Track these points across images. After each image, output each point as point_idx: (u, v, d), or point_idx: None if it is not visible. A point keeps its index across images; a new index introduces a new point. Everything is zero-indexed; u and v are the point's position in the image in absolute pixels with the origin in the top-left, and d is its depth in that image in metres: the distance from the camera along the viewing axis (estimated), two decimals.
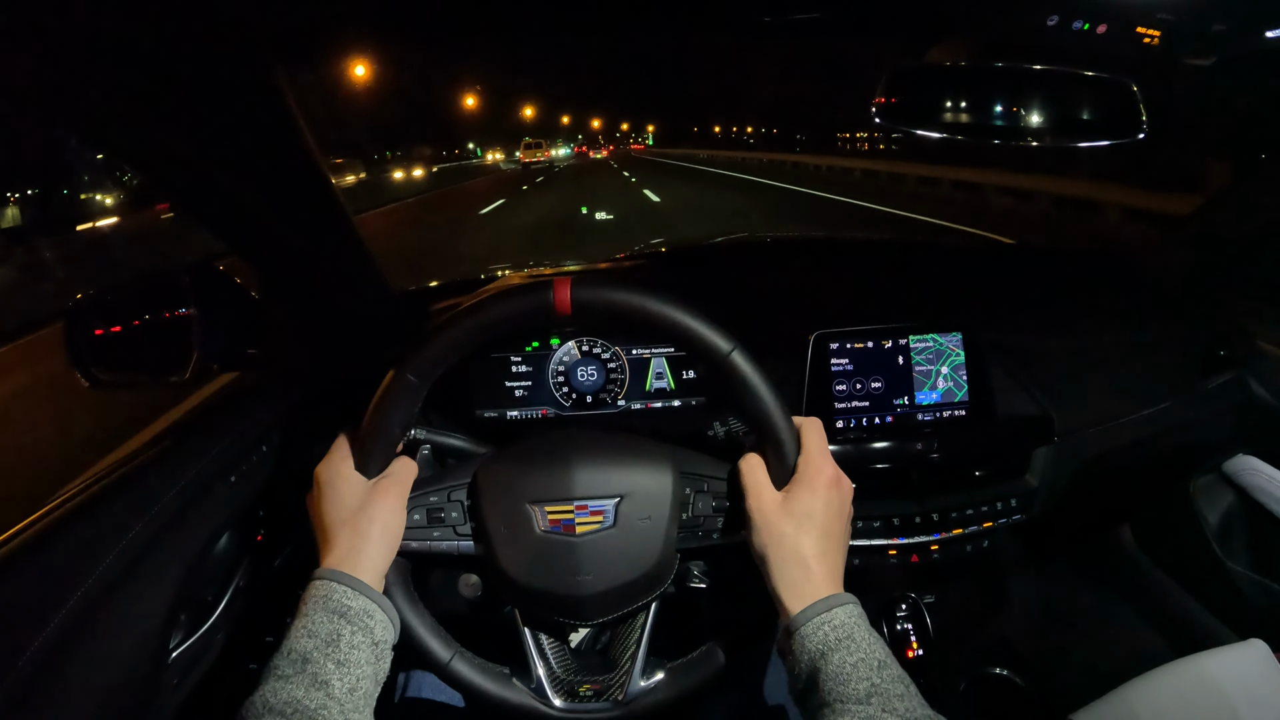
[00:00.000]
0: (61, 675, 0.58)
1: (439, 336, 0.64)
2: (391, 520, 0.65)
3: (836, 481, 0.64)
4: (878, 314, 0.98)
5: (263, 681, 0.54)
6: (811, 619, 0.57)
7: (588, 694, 0.70)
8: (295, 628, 0.56)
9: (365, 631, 0.58)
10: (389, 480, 0.66)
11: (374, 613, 0.59)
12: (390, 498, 0.65)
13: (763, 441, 0.65)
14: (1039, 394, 1.01)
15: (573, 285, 0.62)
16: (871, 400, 0.96)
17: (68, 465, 2.64)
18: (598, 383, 0.95)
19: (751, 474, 0.65)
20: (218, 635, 0.79)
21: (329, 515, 0.63)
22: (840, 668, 0.54)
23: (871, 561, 0.95)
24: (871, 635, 0.57)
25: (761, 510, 0.63)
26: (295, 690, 0.52)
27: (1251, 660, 0.80)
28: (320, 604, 0.58)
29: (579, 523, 0.68)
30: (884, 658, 0.56)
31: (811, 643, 0.56)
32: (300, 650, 0.55)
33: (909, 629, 1.08)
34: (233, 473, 0.80)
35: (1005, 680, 1.18)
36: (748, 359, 0.63)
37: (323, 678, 0.54)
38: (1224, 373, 1.07)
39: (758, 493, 0.64)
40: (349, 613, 0.58)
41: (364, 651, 0.57)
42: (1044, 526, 1.05)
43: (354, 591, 0.59)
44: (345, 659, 0.56)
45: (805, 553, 0.60)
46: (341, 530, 0.62)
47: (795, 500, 0.62)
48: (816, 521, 0.62)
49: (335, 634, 0.56)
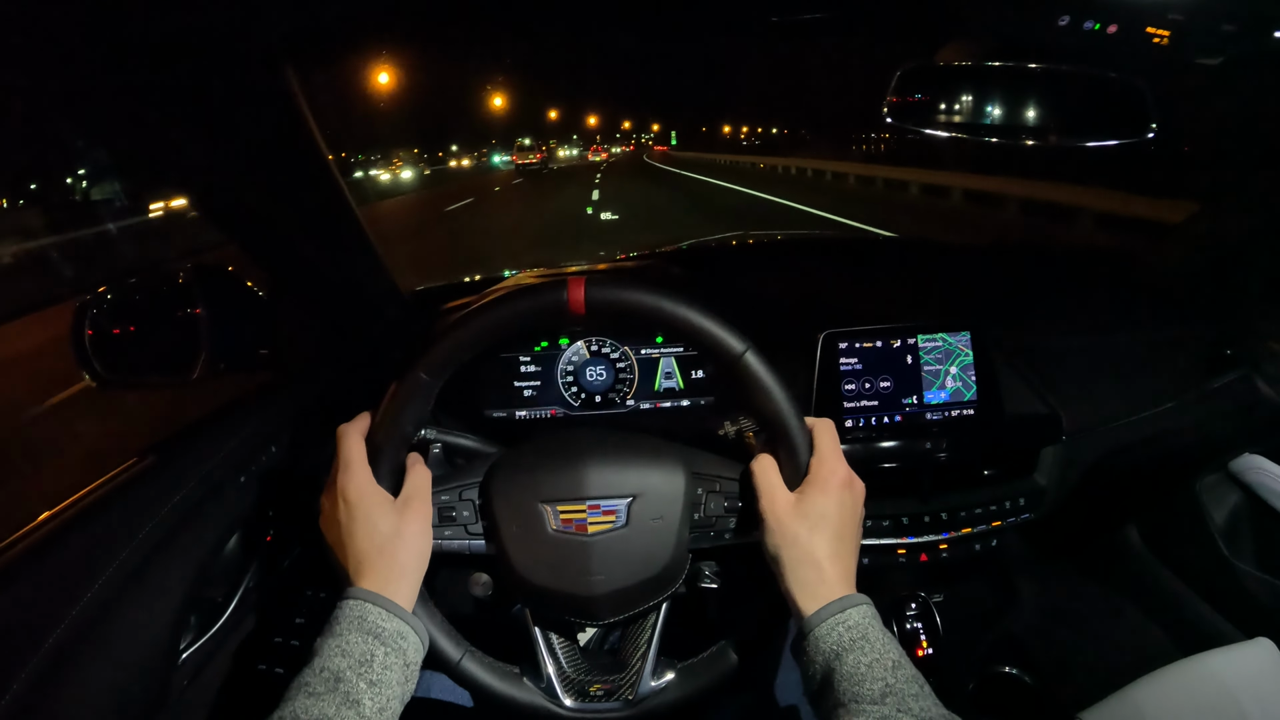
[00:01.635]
0: (73, 676, 0.58)
1: (452, 335, 0.64)
2: (424, 545, 0.65)
3: (849, 483, 0.64)
4: (886, 313, 0.98)
5: (292, 697, 0.53)
6: (826, 620, 0.57)
7: (598, 694, 0.70)
8: (328, 646, 0.56)
9: (399, 653, 0.58)
10: (418, 502, 0.65)
11: (407, 634, 0.60)
12: (421, 520, 0.65)
13: (775, 442, 0.65)
14: (1047, 393, 1.01)
15: (587, 284, 0.62)
16: (880, 399, 0.96)
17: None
18: (606, 382, 0.95)
19: (764, 475, 0.65)
20: (227, 636, 0.79)
21: (362, 540, 0.62)
22: (855, 668, 0.54)
23: (880, 561, 0.95)
24: (886, 635, 0.57)
25: (775, 512, 0.63)
26: (326, 708, 0.52)
27: (1258, 659, 0.80)
28: (355, 624, 0.58)
29: (591, 522, 0.68)
30: (898, 658, 0.56)
31: (826, 643, 0.56)
32: (333, 669, 0.55)
33: (919, 628, 1.08)
34: (242, 473, 0.80)
35: (1014, 679, 1.18)
36: (761, 360, 0.63)
37: (354, 697, 0.54)
38: (1231, 372, 1.07)
39: (771, 494, 0.64)
40: (383, 634, 0.58)
41: (396, 672, 0.58)
42: (1051, 526, 1.05)
43: (388, 613, 0.59)
44: (378, 679, 0.56)
45: (818, 554, 0.61)
46: (378, 557, 0.62)
47: (808, 502, 0.62)
48: (830, 523, 0.62)
49: (369, 654, 0.56)
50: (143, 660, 0.65)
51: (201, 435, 0.78)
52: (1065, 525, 1.14)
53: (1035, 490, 1.00)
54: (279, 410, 0.88)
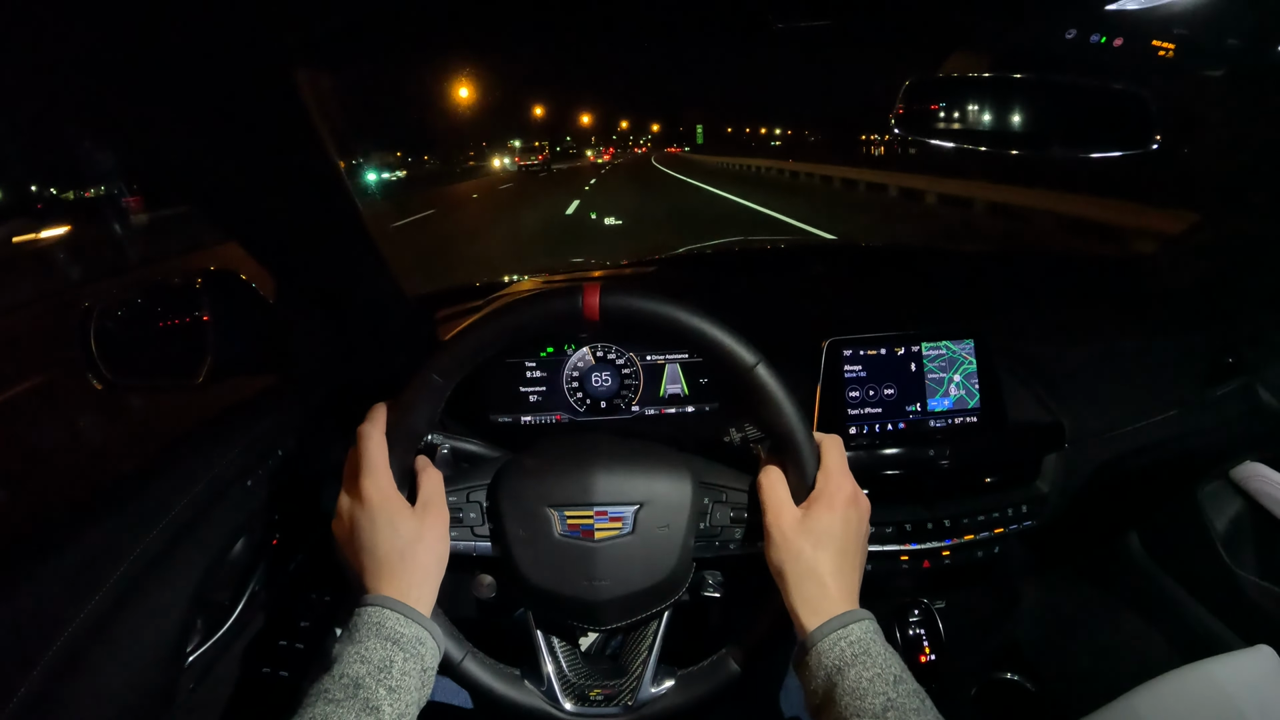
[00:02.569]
0: (79, 679, 0.58)
1: (464, 337, 0.64)
2: (444, 549, 0.66)
3: (855, 499, 0.65)
4: (890, 321, 0.98)
5: (311, 704, 0.54)
6: (828, 635, 0.58)
7: (598, 698, 0.70)
8: (348, 653, 0.56)
9: (417, 658, 0.58)
10: (437, 506, 0.66)
11: (425, 640, 0.60)
12: (441, 525, 0.66)
13: (783, 456, 0.66)
14: (1049, 401, 1.01)
15: (602, 291, 0.62)
16: (884, 407, 0.96)
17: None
18: (612, 388, 0.95)
19: (771, 490, 0.65)
20: (233, 639, 0.79)
21: (384, 543, 0.62)
22: (856, 683, 0.55)
23: (883, 567, 0.95)
24: (887, 650, 0.58)
25: (781, 527, 0.63)
26: (346, 714, 0.53)
27: (1259, 666, 0.80)
28: (373, 630, 0.58)
29: (598, 528, 0.68)
30: (900, 672, 0.56)
31: (828, 658, 0.57)
32: (352, 675, 0.55)
33: (921, 634, 1.08)
34: (249, 477, 0.80)
35: (1015, 685, 1.19)
36: (772, 372, 0.63)
37: (374, 703, 0.54)
38: (1232, 380, 1.07)
39: (777, 509, 0.64)
40: (402, 639, 0.58)
41: (414, 678, 0.58)
42: (1053, 533, 1.06)
43: (406, 619, 0.59)
44: (397, 685, 0.56)
45: (822, 570, 0.61)
46: (399, 561, 0.62)
47: (814, 518, 0.63)
48: (835, 539, 0.62)
49: (388, 660, 0.56)
50: (149, 662, 0.65)
51: (208, 439, 0.78)
52: (1067, 532, 1.14)
53: (1038, 497, 1.00)
54: (285, 414, 0.88)
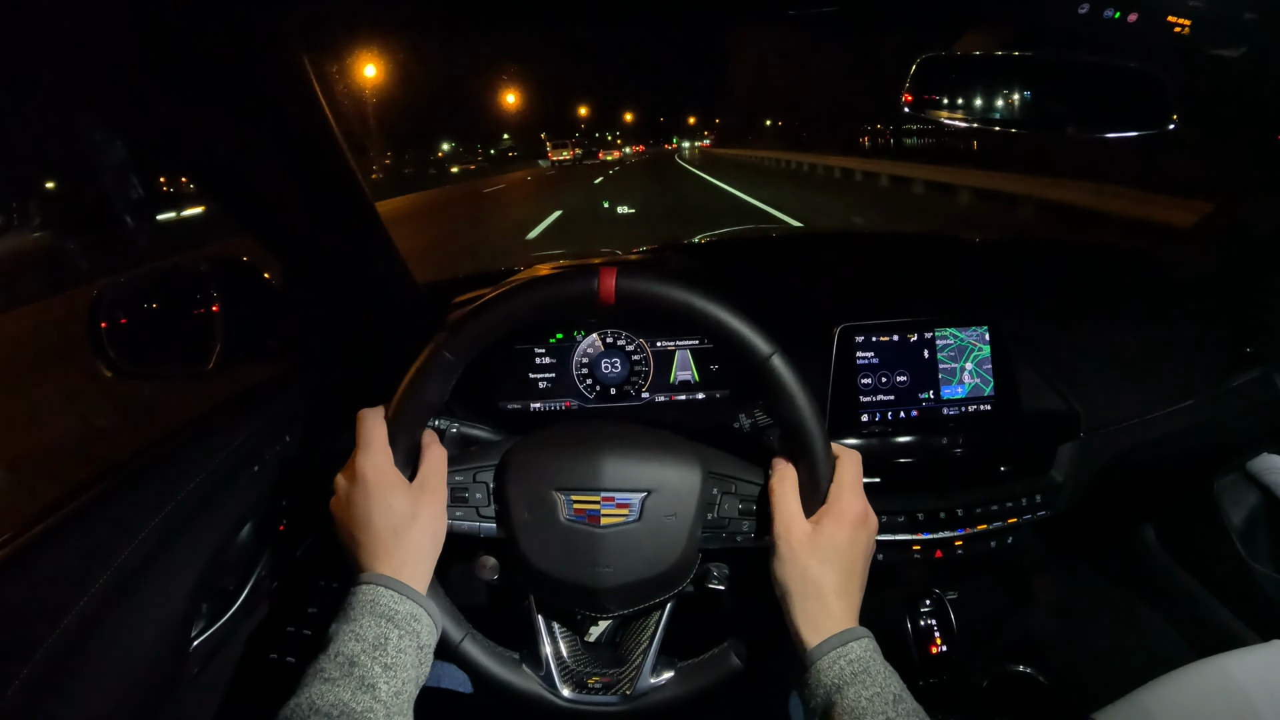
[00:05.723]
0: (83, 664, 0.58)
1: (477, 317, 0.64)
2: (439, 527, 0.66)
3: (865, 519, 0.65)
4: (903, 307, 0.97)
5: (308, 684, 0.54)
6: (827, 653, 0.58)
7: (596, 686, 0.70)
8: (342, 631, 0.56)
9: (412, 635, 0.58)
10: (434, 485, 0.66)
11: (421, 617, 0.60)
12: (437, 503, 0.65)
13: (795, 453, 0.65)
14: (1065, 389, 1.00)
15: (618, 275, 0.62)
16: (896, 394, 0.95)
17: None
18: (622, 375, 0.95)
19: (783, 500, 0.65)
20: (239, 625, 0.79)
21: (378, 521, 0.62)
22: (856, 702, 0.55)
23: (895, 557, 0.94)
24: (887, 669, 0.58)
25: (789, 541, 0.63)
26: (342, 693, 0.53)
27: (1274, 661, 0.78)
28: (368, 608, 0.58)
29: (604, 514, 0.67)
30: (899, 692, 0.56)
31: (828, 676, 0.57)
32: (348, 653, 0.55)
33: (933, 625, 1.07)
34: (256, 463, 0.80)
35: (1028, 678, 1.17)
36: (787, 364, 0.63)
37: (370, 681, 0.54)
38: (1250, 370, 1.06)
39: (788, 523, 0.64)
40: (396, 617, 0.58)
41: (410, 655, 0.58)
42: (1067, 524, 1.04)
43: (401, 596, 0.59)
44: (392, 662, 0.56)
45: (826, 588, 0.61)
46: (393, 538, 0.62)
47: (822, 534, 0.63)
48: (841, 558, 0.62)
49: (383, 638, 0.56)
50: (154, 647, 0.65)
51: (216, 425, 0.79)
52: (1081, 523, 1.13)
53: (1052, 487, 0.99)
54: (293, 401, 0.88)
